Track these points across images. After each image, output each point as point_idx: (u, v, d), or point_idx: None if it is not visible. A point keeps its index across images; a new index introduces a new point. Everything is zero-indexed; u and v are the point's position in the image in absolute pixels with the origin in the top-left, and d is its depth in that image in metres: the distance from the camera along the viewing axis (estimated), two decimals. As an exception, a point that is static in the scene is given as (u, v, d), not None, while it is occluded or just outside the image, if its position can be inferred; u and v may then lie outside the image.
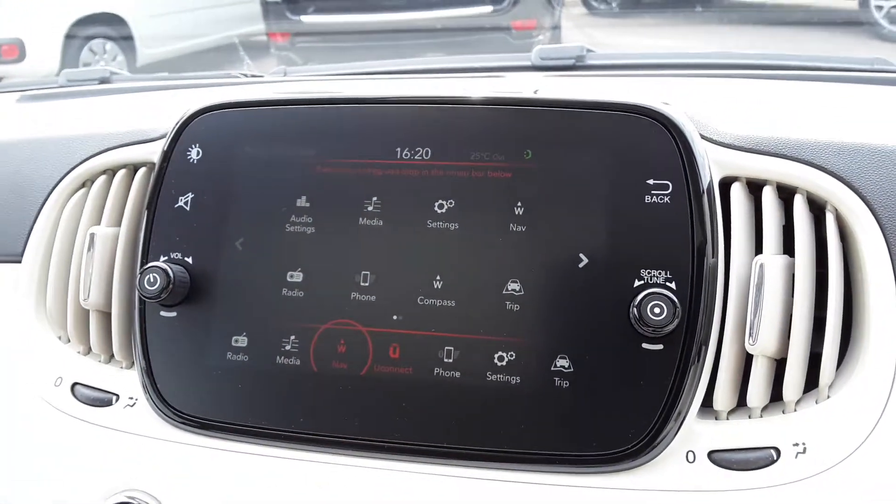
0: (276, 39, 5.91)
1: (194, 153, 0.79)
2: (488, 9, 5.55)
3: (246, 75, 1.48)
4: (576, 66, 1.29)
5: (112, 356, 0.82)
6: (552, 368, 0.69)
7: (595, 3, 7.86)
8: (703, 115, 0.76)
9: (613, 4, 7.81)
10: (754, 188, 0.73)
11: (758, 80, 1.13)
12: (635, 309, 0.66)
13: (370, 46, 5.36)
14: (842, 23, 6.71)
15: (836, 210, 0.71)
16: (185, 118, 0.80)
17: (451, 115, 0.75)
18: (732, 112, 0.81)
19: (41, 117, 1.15)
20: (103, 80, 1.44)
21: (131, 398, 0.78)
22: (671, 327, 0.65)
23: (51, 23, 5.72)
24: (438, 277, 0.72)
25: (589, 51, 1.32)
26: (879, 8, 5.98)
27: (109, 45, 6.10)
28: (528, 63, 1.32)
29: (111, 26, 6.08)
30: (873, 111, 0.94)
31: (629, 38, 7.01)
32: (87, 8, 5.94)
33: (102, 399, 0.79)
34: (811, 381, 0.68)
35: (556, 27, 5.88)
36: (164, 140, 0.81)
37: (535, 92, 0.76)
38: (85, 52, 5.92)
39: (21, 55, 5.62)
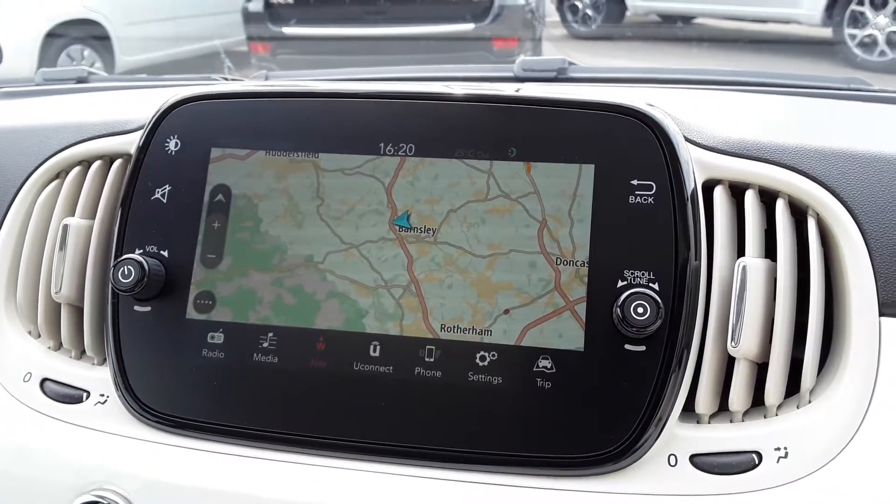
0: (257, 51, 5.91)
1: (172, 145, 0.78)
2: (470, 26, 5.59)
3: (227, 79, 1.47)
4: (558, 77, 1.30)
5: (83, 352, 0.80)
6: (534, 369, 0.68)
7: (575, 25, 7.96)
8: (686, 119, 0.76)
9: (594, 26, 7.92)
10: (737, 191, 0.73)
11: (738, 93, 1.14)
12: (618, 309, 0.65)
13: (351, 59, 5.36)
14: (816, 51, 6.86)
15: (818, 214, 0.71)
16: (163, 109, 0.79)
17: (436, 110, 0.74)
18: (715, 118, 0.82)
19: (15, 111, 1.12)
20: (80, 80, 1.42)
21: (102, 395, 0.76)
22: (654, 327, 0.65)
23: (28, 27, 5.66)
24: (419, 275, 0.71)
25: (571, 63, 1.33)
26: (852, 36, 6.11)
27: (87, 52, 6.06)
28: (510, 74, 1.33)
29: (89, 32, 6.03)
30: (852, 123, 0.95)
31: (609, 59, 7.10)
32: (66, 13, 5.89)
33: (73, 396, 0.77)
34: (793, 386, 0.68)
35: (538, 46, 5.94)
36: (141, 131, 0.80)
37: (517, 91, 0.75)
38: (62, 58, 5.87)
39: (-3, 58, 5.56)
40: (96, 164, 0.85)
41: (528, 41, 5.84)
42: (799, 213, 0.73)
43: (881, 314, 0.67)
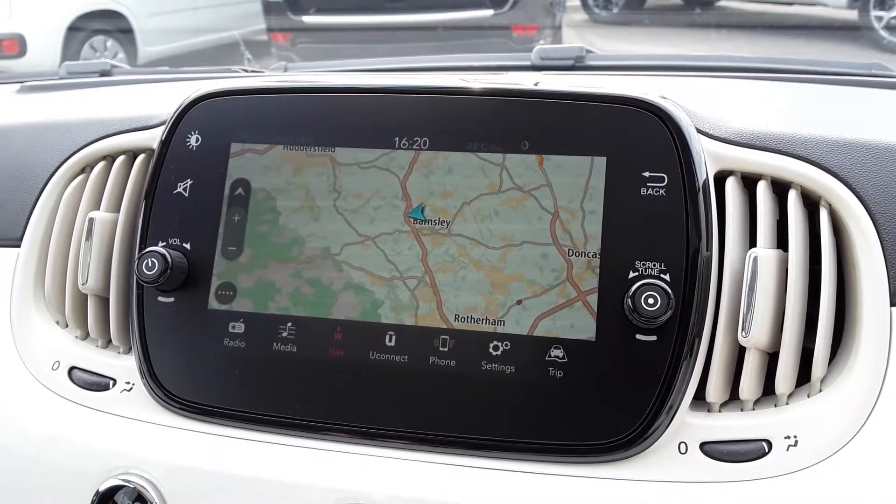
0: (276, 40, 5.93)
1: (193, 140, 0.79)
2: (489, 12, 5.57)
3: (246, 70, 1.49)
4: (575, 66, 1.30)
5: (110, 341, 0.83)
6: (546, 358, 0.69)
7: (597, 10, 7.89)
8: (700, 111, 0.77)
9: (615, 10, 7.84)
10: (749, 182, 0.74)
11: (755, 80, 1.14)
12: (629, 300, 0.66)
13: (370, 48, 5.37)
14: (841, 33, 6.75)
15: (830, 205, 0.71)
16: (184, 105, 0.81)
17: (449, 104, 0.76)
18: (729, 108, 0.82)
19: (41, 106, 1.15)
20: (103, 73, 1.45)
21: (128, 383, 0.79)
22: (665, 318, 0.66)
23: (52, 19, 5.73)
24: (433, 266, 0.72)
25: (588, 51, 1.33)
26: (879, 18, 6.01)
27: (110, 42, 6.12)
28: (527, 63, 1.33)
29: (112, 23, 6.09)
30: (870, 111, 0.95)
31: (630, 45, 7.05)
32: (89, 4, 5.94)
33: (99, 383, 0.80)
34: (804, 376, 0.69)
35: (558, 32, 5.91)
36: (163, 126, 0.82)
37: (536, 84, 0.76)
38: (86, 49, 5.94)
39: (22, 51, 5.63)
40: (120, 158, 0.87)
41: (548, 27, 5.80)
42: (811, 203, 0.73)
43: (892, 304, 0.68)
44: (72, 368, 0.81)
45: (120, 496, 0.74)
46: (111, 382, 0.79)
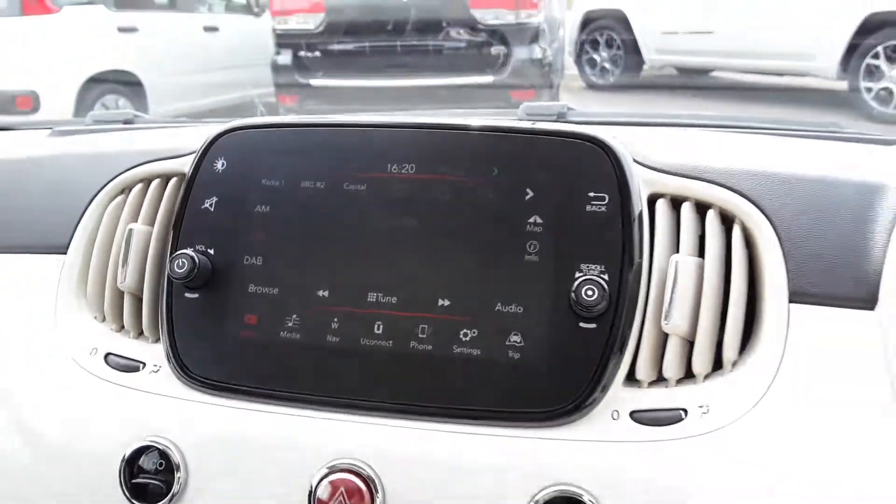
0: (284, 101, 6.17)
1: (220, 164, 0.95)
2: (489, 79, 5.83)
3: (260, 120, 1.65)
4: (557, 121, 1.46)
5: (140, 333, 0.97)
6: (507, 343, 0.83)
7: (594, 78, 8.17)
8: (642, 149, 0.92)
9: (611, 79, 8.10)
10: (677, 203, 0.90)
11: (712, 131, 1.28)
12: (573, 293, 0.81)
13: (374, 109, 5.60)
14: (832, 101, 6.90)
15: (743, 222, 0.87)
16: (213, 136, 0.97)
17: (432, 138, 0.92)
18: (668, 148, 0.98)
19: (77, 143, 1.31)
20: (127, 122, 1.61)
21: (156, 365, 0.93)
22: (601, 307, 0.80)
23: (66, 77, 5.86)
24: (418, 272, 0.87)
25: (570, 108, 1.49)
26: (868, 90, 6.14)
27: (122, 101, 6.28)
28: (514, 119, 1.49)
29: (124, 83, 6.24)
30: (794, 152, 1.09)
31: (625, 109, 7.25)
32: (103, 64, 6.10)
33: (131, 366, 0.94)
34: (720, 363, 0.83)
35: (555, 97, 6.14)
36: (194, 154, 0.98)
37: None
38: (98, 107, 6.07)
39: (35, 107, 5.77)
40: (155, 181, 1.03)
41: (546, 92, 6.04)
42: (729, 220, 0.89)
43: (790, 301, 0.83)
44: (107, 354, 0.95)
45: (145, 459, 0.87)
46: (141, 365, 0.94)
